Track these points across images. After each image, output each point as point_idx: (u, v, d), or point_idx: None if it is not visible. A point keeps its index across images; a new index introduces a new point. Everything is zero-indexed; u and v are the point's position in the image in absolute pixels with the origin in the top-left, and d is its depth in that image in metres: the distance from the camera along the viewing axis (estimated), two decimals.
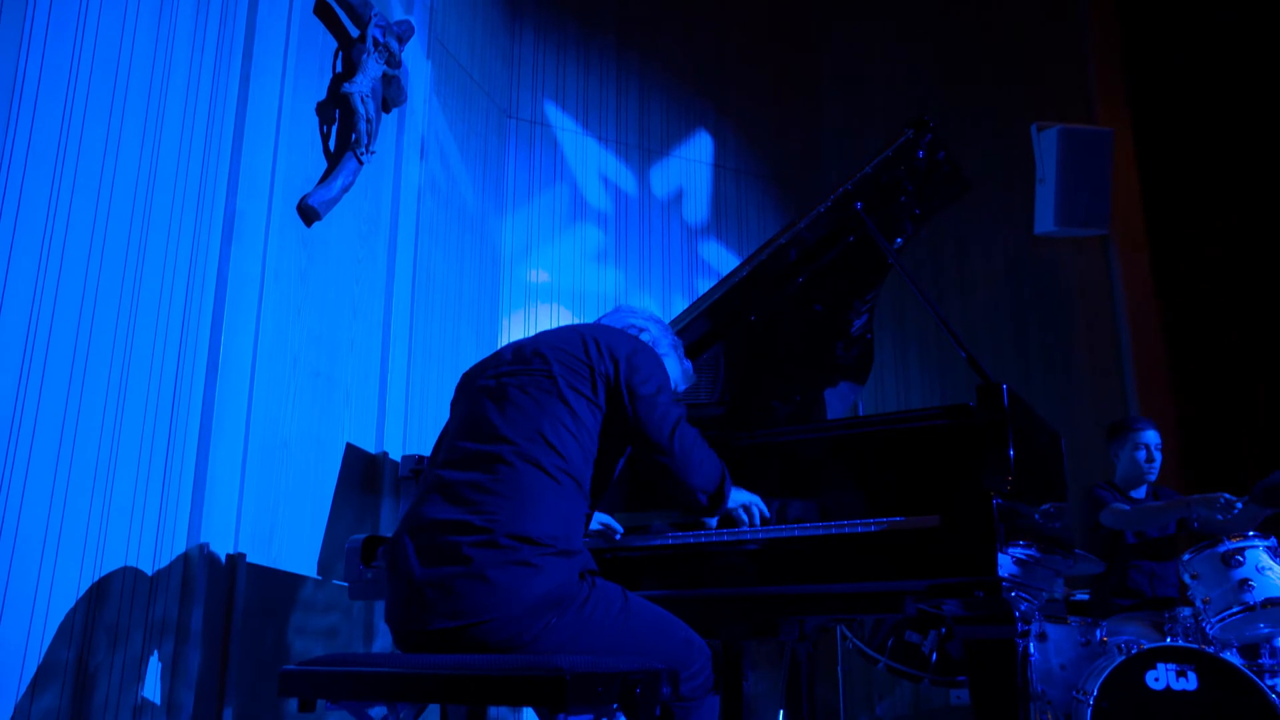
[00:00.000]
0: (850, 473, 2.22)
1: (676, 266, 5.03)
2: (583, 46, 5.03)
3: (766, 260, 2.65)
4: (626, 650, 1.70)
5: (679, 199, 5.13)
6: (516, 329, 4.57)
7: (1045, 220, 5.41)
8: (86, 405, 2.25)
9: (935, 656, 3.63)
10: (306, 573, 2.98)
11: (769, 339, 2.88)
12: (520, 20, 4.88)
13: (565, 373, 1.84)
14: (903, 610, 2.02)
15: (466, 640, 1.64)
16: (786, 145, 5.49)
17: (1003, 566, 1.81)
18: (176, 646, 2.46)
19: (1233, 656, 2.93)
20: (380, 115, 3.32)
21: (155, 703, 2.39)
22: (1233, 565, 3.04)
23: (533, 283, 4.66)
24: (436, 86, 3.96)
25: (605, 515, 2.33)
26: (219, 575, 2.58)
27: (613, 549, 2.17)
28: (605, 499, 2.32)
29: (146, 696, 2.37)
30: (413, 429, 3.58)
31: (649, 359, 1.91)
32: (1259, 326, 5.39)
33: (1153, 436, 3.76)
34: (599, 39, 5.09)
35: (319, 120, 3.18)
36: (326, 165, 3.19)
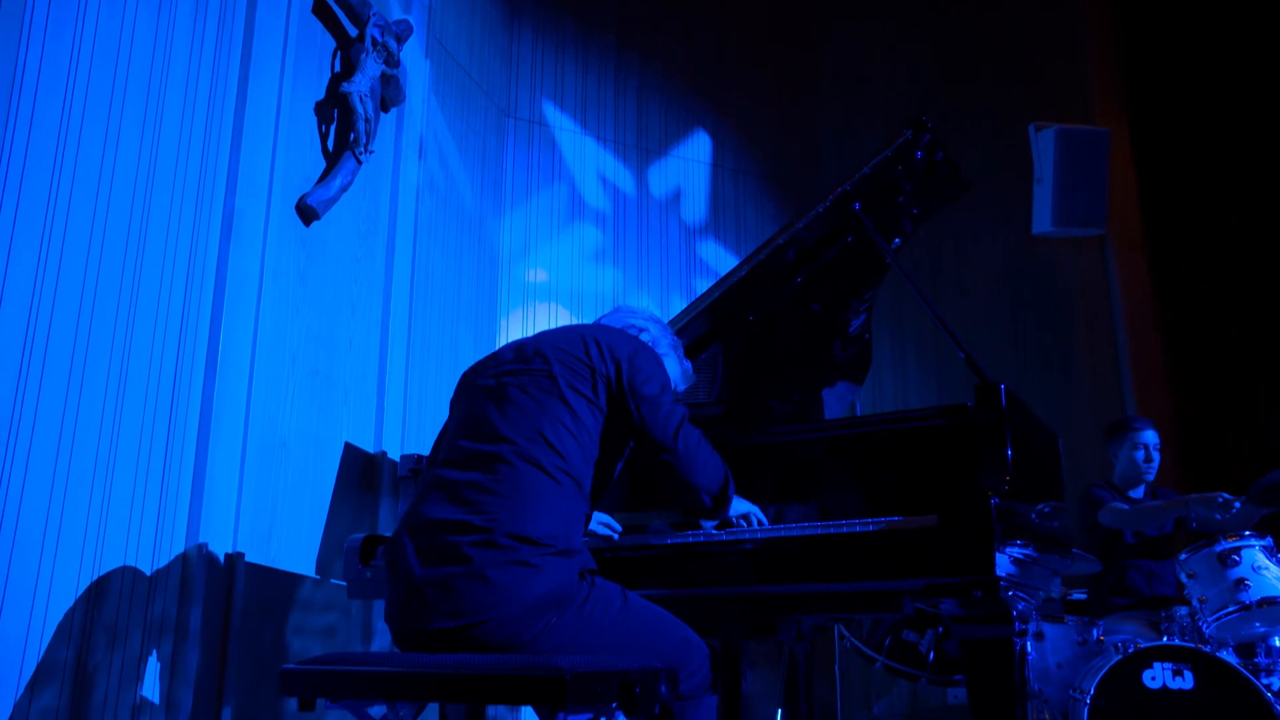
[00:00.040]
0: (849, 473, 2.22)
1: (675, 266, 5.03)
2: (581, 46, 5.04)
3: (765, 260, 2.65)
4: (625, 649, 1.70)
5: (677, 199, 5.13)
6: (515, 328, 4.57)
7: (1043, 220, 5.42)
8: (85, 404, 2.25)
9: (932, 656, 3.64)
10: (305, 572, 2.98)
11: (767, 339, 2.89)
12: (519, 19, 4.88)
13: (566, 373, 1.85)
14: (901, 610, 2.02)
15: (466, 640, 1.64)
16: (785, 145, 5.49)
17: (1000, 566, 1.82)
18: (175, 646, 2.46)
19: (1229, 655, 2.94)
20: (379, 115, 3.32)
21: (154, 702, 2.39)
22: (1229, 564, 3.04)
23: (531, 282, 4.67)
24: (435, 86, 3.96)
25: (604, 515, 2.33)
26: (217, 574, 2.58)
27: (612, 548, 2.17)
28: (605, 499, 2.32)
29: (145, 695, 2.37)
30: (411, 428, 3.58)
31: (650, 359, 1.91)
32: (1256, 326, 5.40)
33: (1151, 436, 3.77)
34: (598, 38, 5.09)
35: (317, 120, 3.18)
36: (325, 165, 3.19)
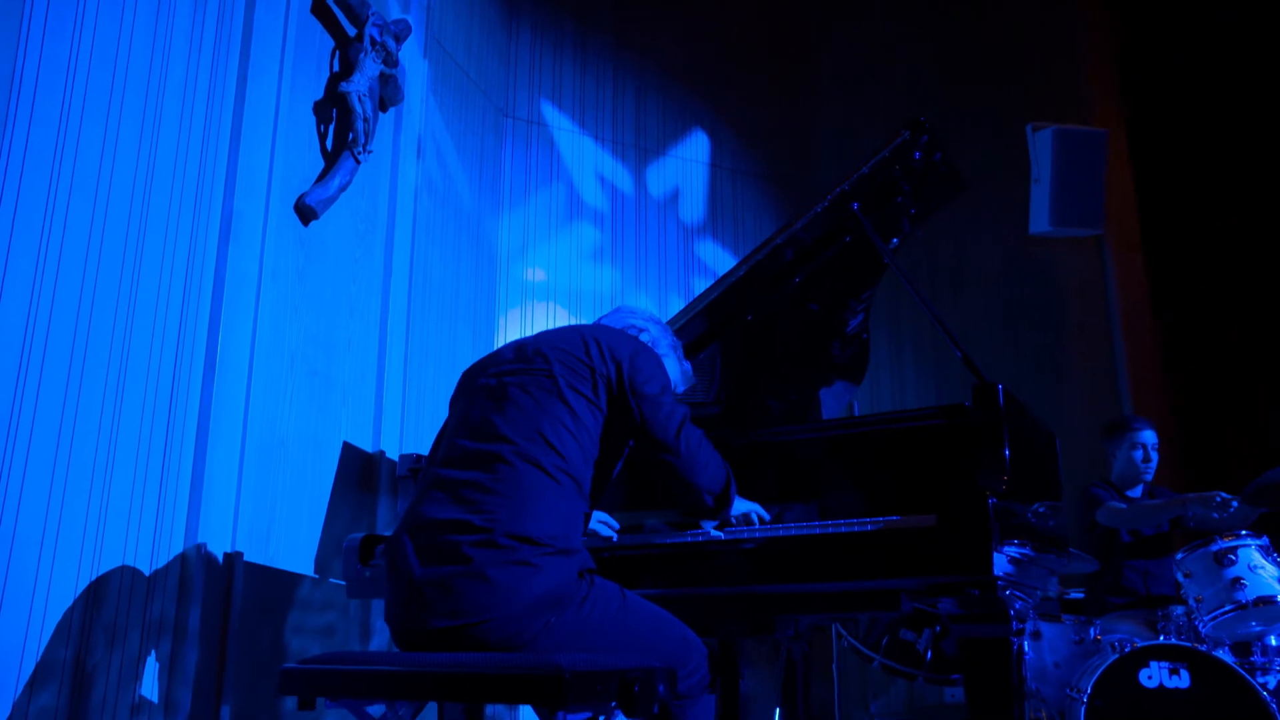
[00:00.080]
0: (847, 472, 2.23)
1: (673, 266, 5.04)
2: (579, 46, 5.04)
3: (763, 260, 2.66)
4: (624, 648, 1.71)
5: (675, 198, 5.14)
6: (513, 328, 4.57)
7: (1040, 220, 5.44)
8: (84, 404, 2.25)
9: (930, 655, 3.65)
10: (303, 571, 2.99)
11: (765, 339, 2.89)
12: (517, 19, 4.88)
13: (566, 373, 1.85)
14: (899, 609, 2.03)
15: (466, 639, 1.65)
16: (783, 145, 5.49)
17: (998, 565, 1.82)
18: (174, 645, 2.46)
19: (1225, 655, 2.94)
20: (377, 114, 3.33)
21: (153, 701, 2.40)
22: (1225, 564, 3.05)
23: (529, 282, 4.67)
24: (433, 86, 3.96)
25: (603, 514, 2.34)
26: (216, 574, 2.59)
27: (611, 548, 2.17)
28: (603, 498, 2.32)
29: (144, 695, 2.37)
30: (409, 428, 3.58)
31: (650, 360, 1.92)
32: (1253, 326, 5.42)
33: (1150, 436, 3.78)
34: (596, 38, 5.09)
35: (316, 119, 3.18)
36: (324, 164, 3.19)
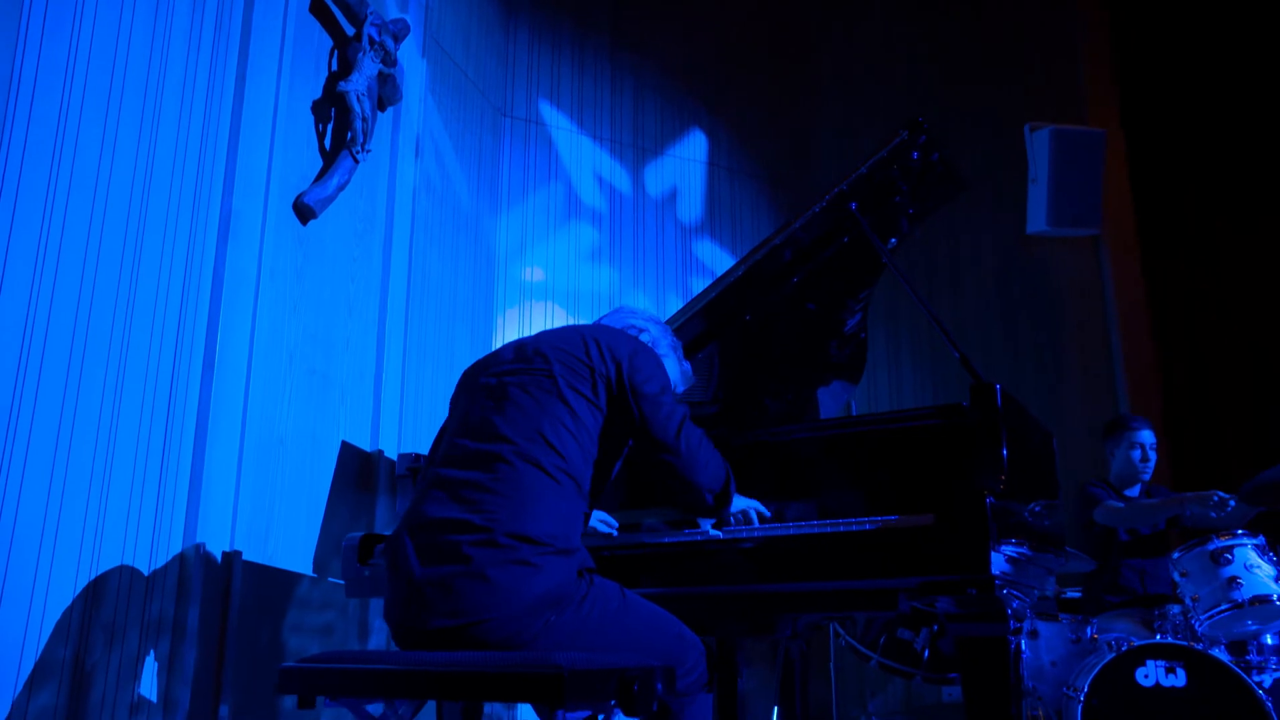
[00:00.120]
0: (845, 472, 2.23)
1: (671, 265, 5.04)
2: (578, 45, 5.04)
3: (762, 260, 2.66)
4: (623, 647, 1.71)
5: (673, 198, 5.14)
6: (511, 327, 4.57)
7: (1037, 220, 5.45)
8: (83, 404, 2.25)
9: (927, 654, 3.66)
10: (302, 570, 2.99)
11: (763, 338, 2.90)
12: (515, 18, 4.88)
13: (565, 373, 1.85)
14: (897, 608, 2.03)
15: (466, 639, 1.65)
16: (781, 144, 5.50)
17: (995, 564, 1.83)
18: (173, 644, 2.46)
19: (1221, 653, 2.95)
20: (376, 114, 3.33)
21: (152, 700, 2.40)
22: (1221, 563, 3.06)
23: (527, 281, 4.67)
24: (432, 85, 3.96)
25: (602, 512, 2.34)
26: (215, 573, 2.59)
27: (610, 547, 2.18)
28: (603, 497, 2.33)
29: (143, 694, 2.37)
30: (407, 427, 3.59)
31: (649, 359, 1.92)
32: (1250, 326, 5.43)
33: (1148, 436, 3.78)
34: (594, 38, 5.09)
35: (314, 119, 3.18)
36: (322, 164, 3.19)
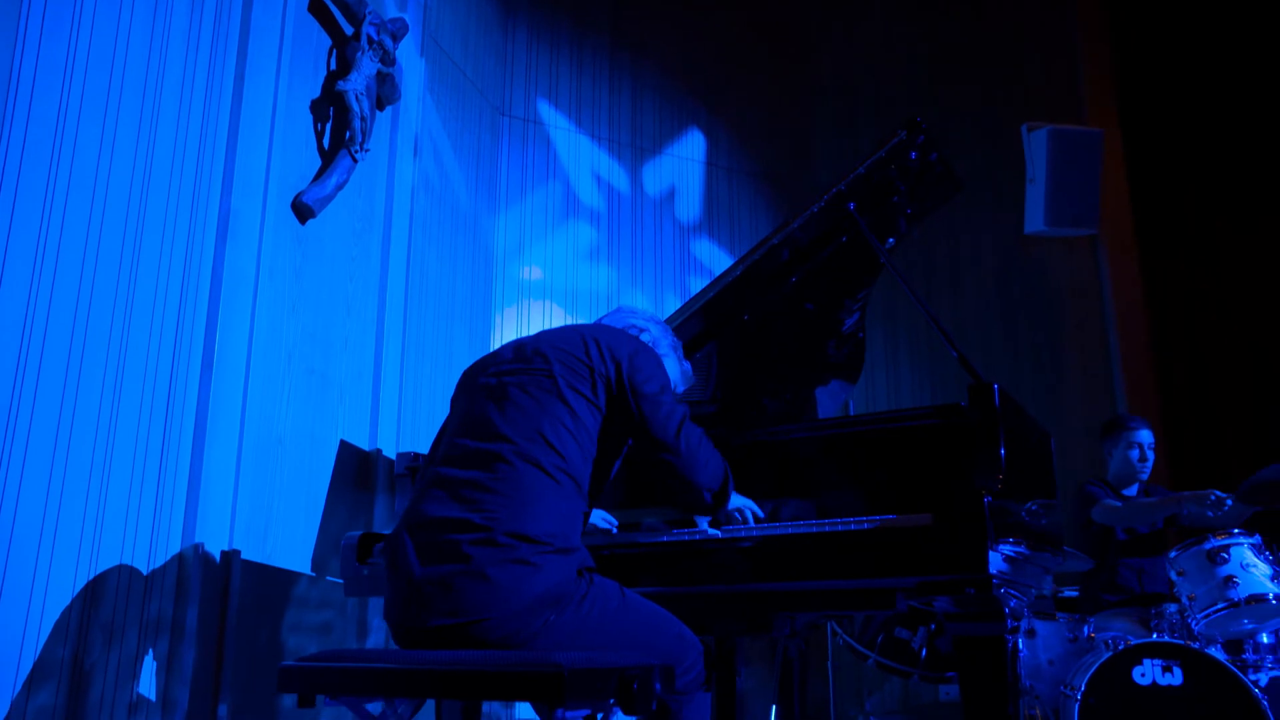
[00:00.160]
0: (843, 472, 2.24)
1: (669, 264, 5.05)
2: (576, 44, 5.04)
3: (760, 260, 2.66)
4: (622, 646, 1.72)
5: (671, 197, 5.14)
6: (509, 326, 4.58)
7: (1035, 220, 5.45)
8: (82, 403, 2.25)
9: (924, 653, 3.66)
10: (301, 569, 2.99)
11: (761, 338, 2.90)
12: (514, 18, 4.88)
13: (565, 373, 1.86)
14: (895, 607, 2.04)
15: (465, 638, 1.65)
16: (779, 144, 5.51)
17: (993, 564, 1.83)
18: (172, 644, 2.46)
19: (1217, 652, 2.96)
20: (374, 113, 3.33)
21: (150, 699, 2.40)
22: (1218, 562, 3.07)
23: (525, 280, 4.67)
24: (430, 84, 3.96)
25: (601, 511, 2.35)
26: (214, 572, 2.59)
27: (610, 546, 2.18)
28: (602, 495, 2.33)
29: (142, 693, 2.38)
30: (406, 426, 3.59)
31: (650, 359, 1.93)
32: (1247, 326, 5.44)
33: (1147, 436, 3.79)
34: (592, 37, 5.09)
35: (313, 118, 3.18)
36: (321, 163, 3.19)
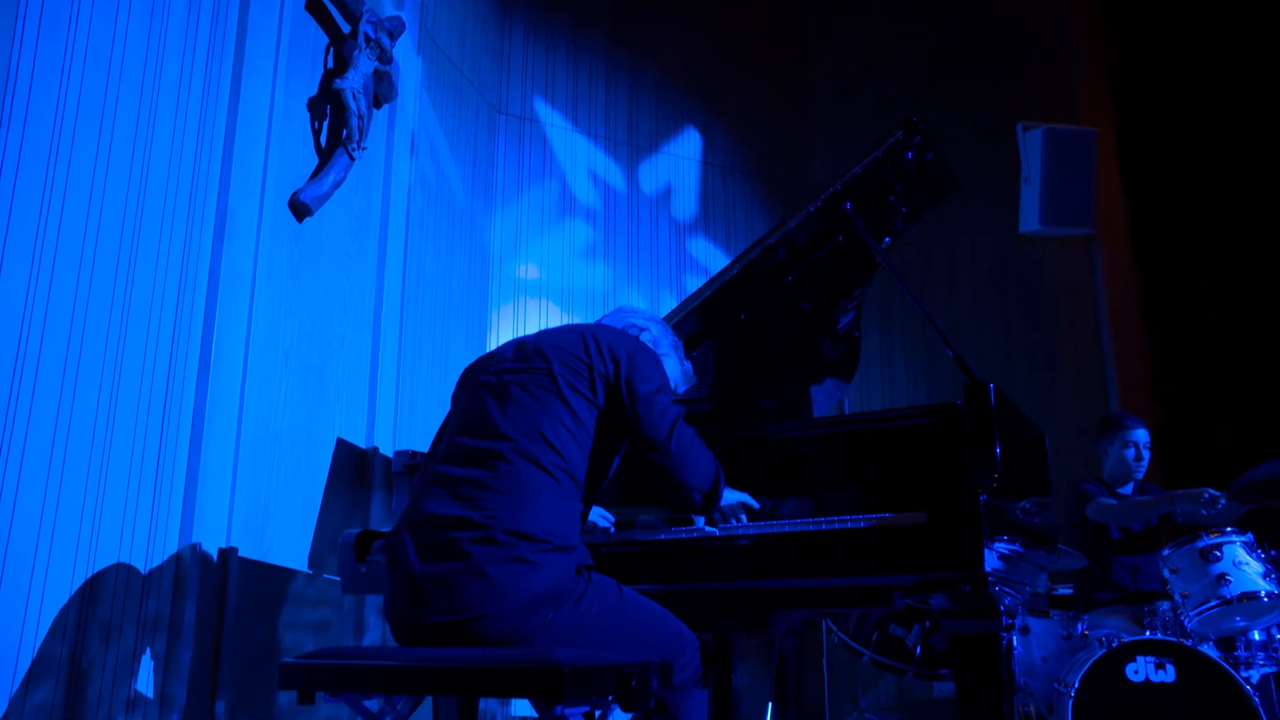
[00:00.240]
0: (839, 470, 2.25)
1: (665, 263, 5.05)
2: (573, 43, 5.04)
3: (756, 259, 2.67)
4: (620, 643, 1.73)
5: (667, 195, 5.15)
6: (505, 324, 4.58)
7: (1030, 219, 5.46)
8: (80, 402, 2.26)
9: (919, 650, 3.68)
10: (298, 567, 2.99)
11: (758, 336, 2.91)
12: (510, 16, 4.88)
13: (565, 372, 1.86)
14: (891, 604, 2.05)
15: (465, 635, 1.66)
16: (775, 143, 5.52)
17: (988, 561, 1.85)
18: (169, 641, 2.47)
19: (1210, 649, 2.98)
20: (371, 111, 3.33)
21: (148, 697, 2.40)
22: (1211, 560, 3.08)
23: (522, 278, 4.68)
24: (427, 82, 3.96)
25: (599, 509, 2.36)
26: (211, 570, 2.59)
27: (608, 543, 2.19)
28: (600, 493, 2.34)
29: (139, 691, 2.38)
30: (403, 423, 3.59)
31: (649, 359, 1.93)
32: (1242, 325, 5.45)
33: (1142, 435, 3.81)
34: (589, 36, 5.09)
35: (310, 116, 3.18)
36: (318, 161, 3.19)
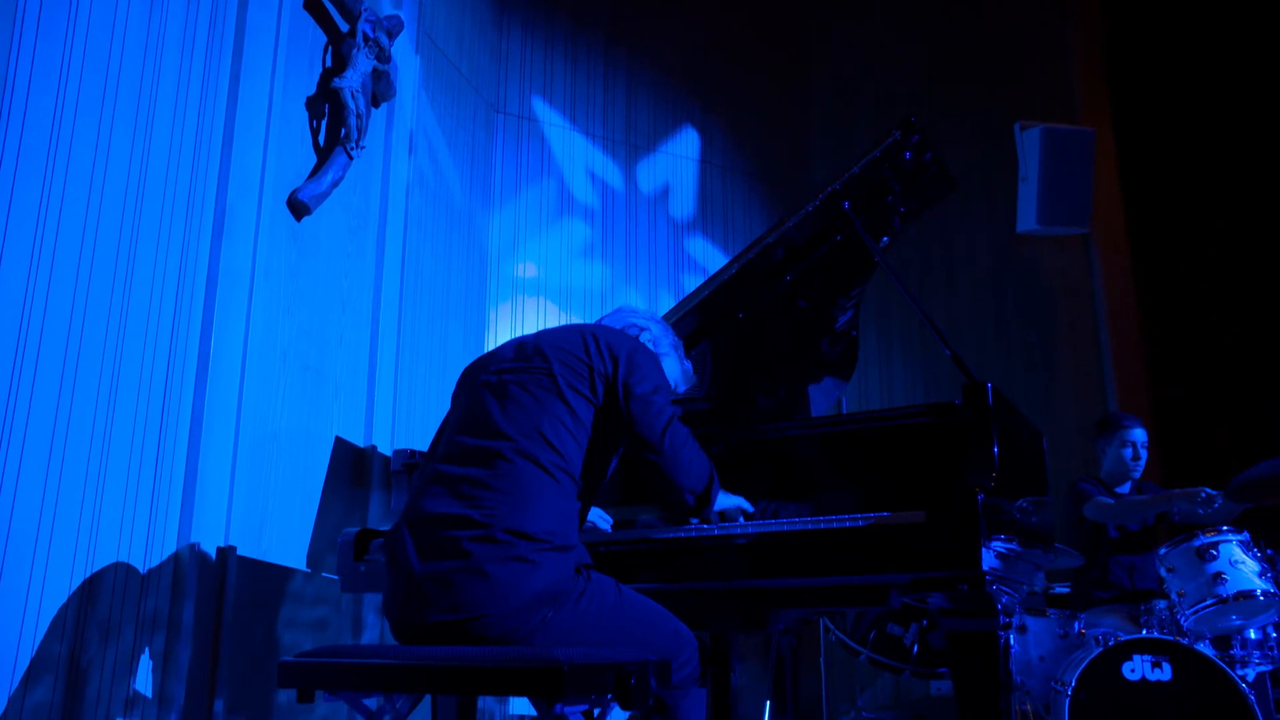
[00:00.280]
0: (837, 469, 2.25)
1: (662, 262, 5.06)
2: (571, 42, 5.04)
3: (754, 259, 2.68)
4: (619, 642, 1.73)
5: (665, 195, 5.15)
6: (503, 323, 4.58)
7: (1028, 219, 5.47)
8: (78, 401, 2.26)
9: (916, 649, 3.69)
10: (296, 566, 2.99)
11: (756, 336, 2.91)
12: (508, 15, 4.88)
13: (565, 371, 1.87)
14: (888, 603, 2.06)
15: (464, 634, 1.66)
16: (773, 143, 5.52)
17: (985, 560, 1.85)
18: (168, 640, 2.47)
19: (1206, 648, 2.99)
20: (369, 110, 3.33)
21: (147, 696, 2.41)
22: (1207, 559, 3.09)
23: (520, 277, 4.68)
24: (425, 81, 3.96)
25: (597, 508, 2.36)
26: (210, 569, 2.59)
27: (606, 543, 2.20)
28: (599, 493, 2.35)
29: (138, 690, 2.38)
30: (401, 422, 3.60)
31: (648, 359, 1.94)
32: (1239, 325, 5.47)
33: (1140, 435, 3.82)
34: (588, 35, 5.09)
35: (309, 115, 3.18)
36: (316, 160, 3.19)
